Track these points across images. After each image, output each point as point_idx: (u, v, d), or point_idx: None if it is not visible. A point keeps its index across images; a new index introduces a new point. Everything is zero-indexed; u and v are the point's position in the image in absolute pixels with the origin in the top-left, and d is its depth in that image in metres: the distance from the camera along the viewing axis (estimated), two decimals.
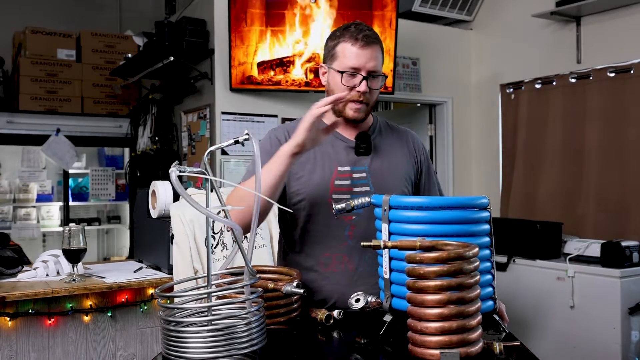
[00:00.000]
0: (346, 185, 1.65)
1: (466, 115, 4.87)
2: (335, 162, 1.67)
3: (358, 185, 1.65)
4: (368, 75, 1.61)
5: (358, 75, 1.60)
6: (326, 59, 1.69)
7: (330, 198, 1.63)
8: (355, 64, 1.60)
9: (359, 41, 1.60)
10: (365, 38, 1.60)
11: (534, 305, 3.35)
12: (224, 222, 1.16)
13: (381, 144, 1.73)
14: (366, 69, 1.60)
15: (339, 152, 1.68)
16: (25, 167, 5.13)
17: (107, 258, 5.60)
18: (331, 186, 1.65)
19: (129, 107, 5.07)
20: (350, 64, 1.60)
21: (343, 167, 1.67)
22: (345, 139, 1.70)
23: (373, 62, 1.61)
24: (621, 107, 3.75)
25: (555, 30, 4.21)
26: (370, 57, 1.60)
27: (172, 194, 2.54)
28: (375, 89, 1.64)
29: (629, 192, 3.68)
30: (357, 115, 1.64)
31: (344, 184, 1.65)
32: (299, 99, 3.92)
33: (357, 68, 1.60)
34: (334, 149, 1.68)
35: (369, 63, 1.60)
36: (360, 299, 1.37)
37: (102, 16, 5.71)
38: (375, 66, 1.61)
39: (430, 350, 1.09)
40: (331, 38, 1.68)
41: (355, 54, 1.60)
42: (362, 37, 1.60)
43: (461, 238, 1.25)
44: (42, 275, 2.51)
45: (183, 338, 1.13)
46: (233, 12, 3.62)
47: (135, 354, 2.54)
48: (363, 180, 1.66)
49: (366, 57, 1.60)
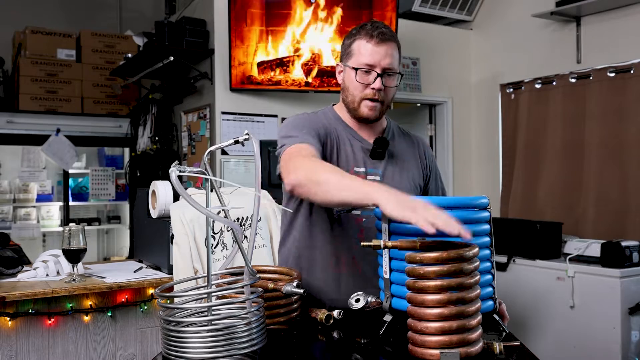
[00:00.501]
0: None
1: (466, 115, 4.87)
2: (352, 162, 1.66)
3: None
4: (383, 72, 1.59)
5: (373, 72, 1.59)
6: (342, 57, 1.68)
7: None
8: (370, 60, 1.58)
9: (374, 38, 1.58)
10: (380, 35, 1.58)
11: (534, 305, 3.35)
12: (224, 222, 1.16)
13: (394, 150, 1.73)
14: (381, 66, 1.59)
15: (357, 153, 1.67)
16: (25, 167, 5.13)
17: (107, 258, 5.60)
18: None
19: (129, 107, 5.07)
20: (365, 60, 1.59)
21: (359, 168, 1.66)
22: (363, 140, 1.69)
23: (388, 59, 1.59)
24: (621, 107, 3.75)
25: (555, 30, 4.21)
26: (386, 54, 1.59)
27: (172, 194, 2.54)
28: (391, 86, 1.63)
29: (629, 192, 3.68)
30: (371, 114, 1.63)
31: None
32: (299, 99, 3.92)
33: (372, 65, 1.59)
34: (352, 149, 1.68)
35: (384, 60, 1.58)
36: (360, 299, 1.37)
37: (102, 16, 5.70)
38: (391, 63, 1.60)
39: (430, 350, 1.09)
40: (348, 37, 1.67)
41: (370, 50, 1.58)
42: (377, 34, 1.59)
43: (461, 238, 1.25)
44: (42, 275, 2.51)
45: (183, 338, 1.13)
46: (233, 12, 3.62)
47: (135, 354, 2.54)
48: None
49: (381, 54, 1.58)
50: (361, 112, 1.63)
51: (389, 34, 1.61)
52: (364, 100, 1.61)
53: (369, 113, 1.63)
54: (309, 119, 1.67)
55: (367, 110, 1.62)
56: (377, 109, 1.63)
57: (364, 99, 1.61)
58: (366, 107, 1.62)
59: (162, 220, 2.55)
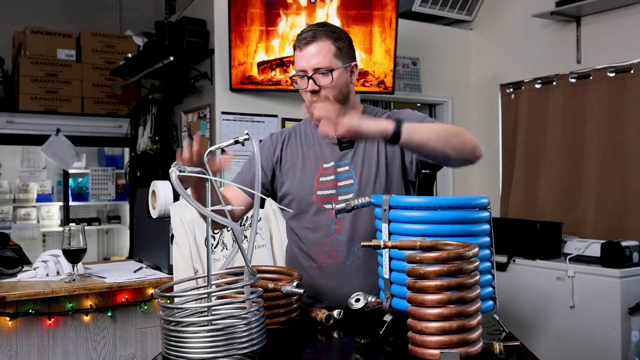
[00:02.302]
0: (330, 181, 1.68)
1: (466, 115, 4.87)
2: (320, 160, 1.70)
3: (342, 179, 1.68)
4: (315, 72, 1.59)
5: (305, 77, 1.61)
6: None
7: (315, 195, 1.67)
8: (299, 66, 1.62)
9: (299, 44, 1.62)
10: (303, 40, 1.61)
11: (534, 305, 3.35)
12: (224, 222, 1.16)
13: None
14: (311, 68, 1.60)
15: (324, 150, 1.71)
16: (25, 167, 5.12)
17: (107, 258, 5.60)
18: (316, 183, 1.68)
19: (129, 107, 5.07)
20: (297, 67, 1.63)
21: (328, 164, 1.69)
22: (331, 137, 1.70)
23: (315, 58, 1.59)
24: (621, 107, 3.75)
25: (555, 30, 4.21)
26: (312, 55, 1.59)
27: (172, 194, 2.54)
28: (324, 85, 1.60)
29: (629, 192, 3.68)
30: None
31: (328, 179, 1.68)
32: (299, 99, 3.88)
33: (303, 70, 1.61)
34: (320, 147, 1.72)
35: (311, 61, 1.59)
36: (360, 299, 1.37)
37: (102, 16, 5.70)
38: (319, 62, 1.59)
39: (430, 350, 1.09)
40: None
41: (298, 57, 1.62)
42: (301, 39, 1.62)
43: (461, 238, 1.25)
44: (42, 275, 2.51)
45: (183, 338, 1.13)
46: (233, 12, 3.62)
47: (135, 354, 2.54)
48: (347, 174, 1.67)
49: (307, 57, 1.60)
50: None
51: (317, 34, 1.60)
52: (312, 103, 1.59)
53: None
54: (262, 146, 1.76)
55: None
56: None
57: (311, 103, 1.60)
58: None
59: (162, 220, 2.55)
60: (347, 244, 1.65)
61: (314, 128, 1.69)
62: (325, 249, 1.67)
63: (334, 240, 1.66)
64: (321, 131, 1.37)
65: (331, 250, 1.67)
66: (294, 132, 1.79)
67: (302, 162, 1.72)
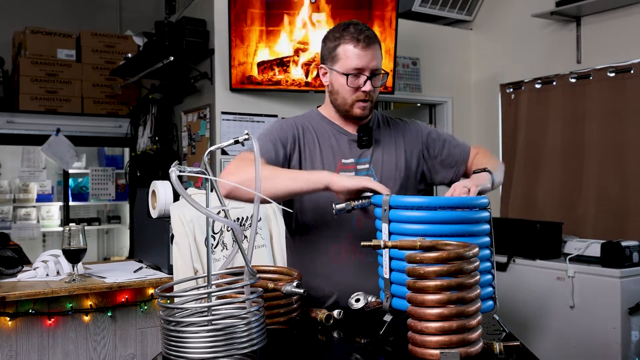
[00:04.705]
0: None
1: (466, 115, 4.87)
2: (339, 154, 1.71)
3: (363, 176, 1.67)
4: (371, 74, 1.64)
5: (362, 75, 1.64)
6: (325, 59, 1.71)
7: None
8: (359, 64, 1.63)
9: (360, 42, 1.63)
10: (366, 39, 1.63)
11: (534, 305, 3.35)
12: (224, 222, 1.16)
13: (380, 137, 1.77)
14: (369, 69, 1.64)
15: (342, 146, 1.72)
16: (25, 167, 5.13)
17: (107, 258, 5.60)
18: None
19: (129, 107, 5.07)
20: (354, 65, 1.63)
21: (347, 160, 1.71)
22: (347, 133, 1.74)
23: (375, 61, 1.65)
24: (621, 107, 3.74)
25: (555, 30, 4.21)
26: (372, 57, 1.64)
27: (172, 194, 2.54)
28: (379, 87, 1.69)
29: (629, 192, 3.68)
30: (365, 113, 1.70)
31: (349, 175, 1.68)
32: (299, 99, 3.92)
33: (361, 69, 1.64)
34: (338, 142, 1.73)
35: (371, 63, 1.64)
36: (360, 299, 1.38)
37: (102, 16, 5.70)
38: (377, 65, 1.66)
39: (430, 350, 1.09)
40: (330, 39, 1.70)
41: (358, 55, 1.63)
42: (363, 38, 1.63)
43: (461, 238, 1.25)
44: (42, 275, 2.51)
45: (183, 338, 1.13)
46: (233, 12, 3.62)
47: (135, 354, 2.54)
48: (367, 172, 1.70)
49: (368, 58, 1.63)
50: (354, 113, 1.69)
51: (373, 36, 1.66)
52: (357, 102, 1.67)
53: (362, 112, 1.69)
54: (278, 126, 1.73)
55: (360, 110, 1.69)
56: (368, 107, 1.70)
57: (357, 101, 1.67)
58: (359, 108, 1.68)
59: (162, 220, 2.55)
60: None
61: (327, 123, 1.74)
62: (346, 246, 1.67)
63: (355, 236, 1.65)
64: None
65: (353, 246, 1.66)
66: (306, 125, 1.75)
67: (321, 155, 1.71)
